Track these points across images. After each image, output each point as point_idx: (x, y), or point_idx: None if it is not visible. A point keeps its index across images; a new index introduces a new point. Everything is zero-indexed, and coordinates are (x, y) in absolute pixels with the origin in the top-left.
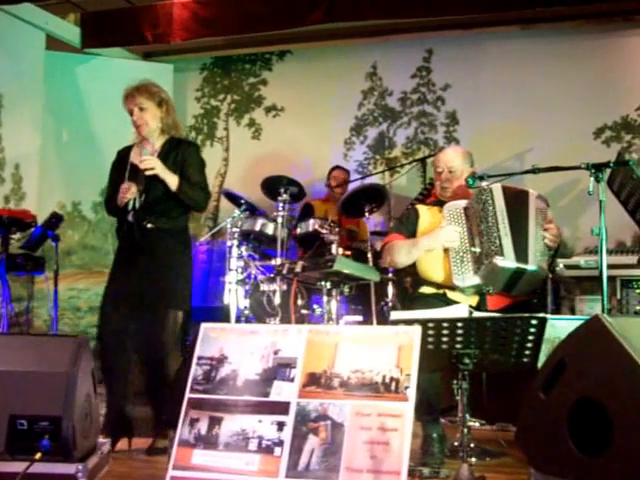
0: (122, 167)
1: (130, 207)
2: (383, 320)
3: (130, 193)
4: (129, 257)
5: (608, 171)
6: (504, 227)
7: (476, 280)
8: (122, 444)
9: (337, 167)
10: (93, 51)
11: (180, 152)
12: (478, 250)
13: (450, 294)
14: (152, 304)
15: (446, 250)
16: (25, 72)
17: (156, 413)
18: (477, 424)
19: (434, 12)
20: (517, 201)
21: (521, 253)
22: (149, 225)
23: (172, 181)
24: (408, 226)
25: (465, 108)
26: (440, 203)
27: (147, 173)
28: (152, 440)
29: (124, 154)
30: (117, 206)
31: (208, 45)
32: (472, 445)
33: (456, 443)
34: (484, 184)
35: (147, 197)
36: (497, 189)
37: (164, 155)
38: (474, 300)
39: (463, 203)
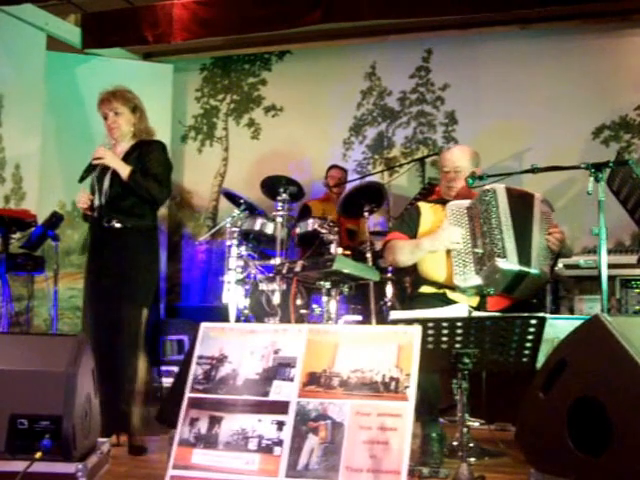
0: (91, 169)
1: (96, 204)
2: (382, 320)
3: (82, 201)
4: (96, 255)
5: (607, 171)
6: (507, 229)
7: (477, 281)
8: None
9: (334, 166)
10: (93, 51)
11: (144, 149)
12: (480, 251)
13: (450, 294)
14: (115, 302)
15: (448, 250)
16: (26, 72)
17: (122, 412)
18: (476, 424)
19: (433, 12)
20: (522, 204)
21: (524, 256)
22: (117, 224)
23: (123, 170)
24: (410, 224)
25: (464, 108)
26: (442, 201)
27: (95, 162)
28: (129, 439)
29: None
30: (84, 214)
31: (208, 45)
32: (471, 445)
33: (455, 443)
34: (487, 185)
35: (109, 194)
36: (501, 190)
37: (127, 154)
38: (474, 301)
39: (466, 203)
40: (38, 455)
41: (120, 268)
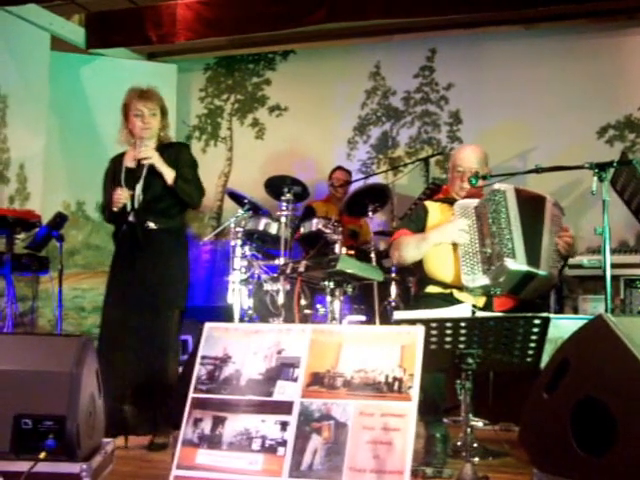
0: (117, 173)
1: (129, 208)
2: (386, 320)
3: (124, 197)
4: (131, 258)
5: (611, 170)
6: (517, 229)
7: (485, 281)
8: (118, 441)
9: (339, 168)
10: (97, 51)
11: (173, 152)
12: (489, 251)
13: (457, 294)
14: (153, 304)
15: (455, 249)
16: (30, 73)
17: (155, 412)
18: (480, 424)
19: (437, 11)
20: (533, 205)
21: (533, 257)
22: (152, 225)
23: (169, 174)
24: (417, 222)
25: (468, 107)
26: (450, 201)
27: (144, 162)
28: (152, 436)
29: (118, 161)
30: (113, 212)
31: (212, 45)
32: (475, 445)
33: (459, 443)
34: (495, 185)
35: (145, 196)
36: (510, 191)
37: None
38: (481, 301)
39: (475, 202)
40: (42, 455)
41: (160, 272)
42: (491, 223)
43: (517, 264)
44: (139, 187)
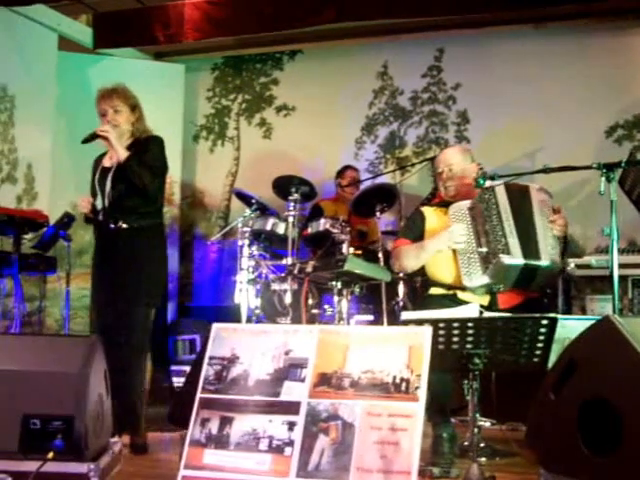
0: (95, 173)
1: (99, 207)
2: (394, 320)
3: (83, 206)
4: (102, 258)
5: (619, 170)
6: (509, 225)
7: (485, 280)
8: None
9: (349, 167)
10: (105, 51)
11: (142, 145)
12: (485, 250)
13: (461, 294)
14: (121, 302)
15: (454, 251)
16: (37, 73)
17: (124, 412)
18: (487, 424)
19: (446, 11)
20: (520, 197)
21: (530, 249)
22: (122, 225)
23: (122, 154)
24: (415, 230)
25: (476, 107)
26: (445, 204)
27: (100, 133)
28: (130, 437)
29: (98, 160)
30: (86, 216)
31: (219, 45)
32: (482, 445)
33: (466, 443)
34: (496, 184)
35: (113, 194)
36: (500, 187)
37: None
38: (485, 300)
39: (467, 203)
40: (50, 455)
41: (127, 269)
42: (484, 222)
43: (513, 259)
44: (108, 185)
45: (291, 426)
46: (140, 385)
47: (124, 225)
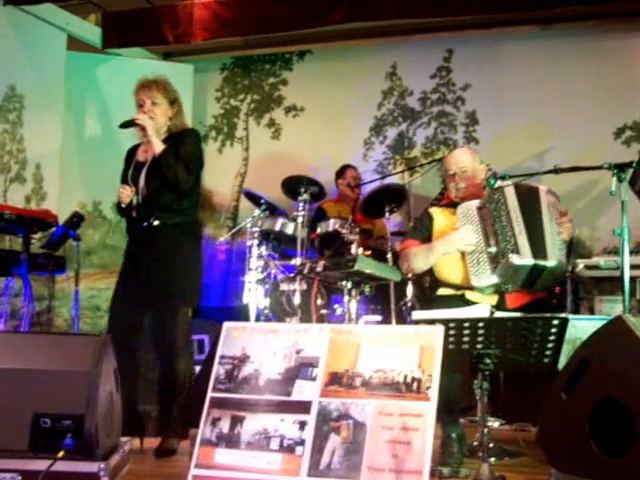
0: (128, 165)
1: (134, 203)
2: (402, 320)
3: (125, 195)
4: (136, 254)
5: (630, 171)
6: (518, 225)
7: (494, 279)
8: (134, 443)
9: (348, 166)
10: (114, 51)
11: (178, 137)
12: (494, 250)
13: (469, 294)
14: (162, 302)
15: (462, 251)
16: (46, 72)
17: (165, 413)
18: (496, 424)
19: (454, 12)
20: (529, 198)
21: (539, 250)
22: (155, 222)
23: (159, 146)
24: (423, 231)
25: (485, 108)
26: (453, 205)
27: (136, 121)
28: (160, 440)
29: (132, 152)
30: (122, 207)
31: (228, 45)
32: (491, 445)
33: (475, 443)
34: (505, 184)
35: (147, 190)
36: (509, 187)
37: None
38: (493, 299)
39: (476, 203)
40: (61, 454)
41: (165, 268)
42: (494, 222)
43: (522, 259)
44: (142, 181)
45: (302, 425)
46: (183, 387)
47: (156, 222)
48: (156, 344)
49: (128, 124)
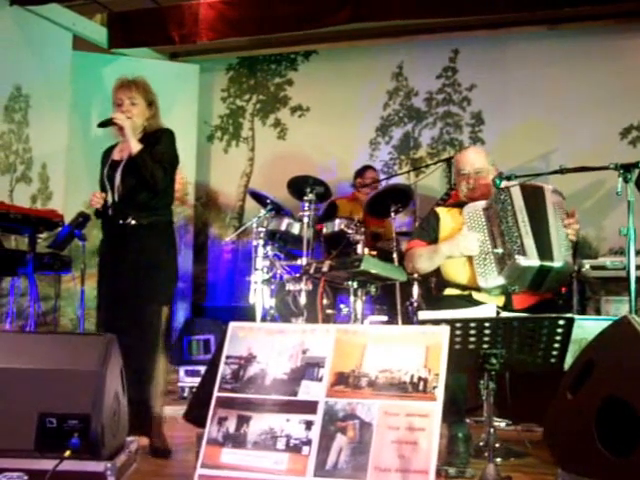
0: (104, 165)
1: (110, 202)
2: (408, 320)
3: (96, 202)
4: (111, 255)
5: (636, 171)
6: (524, 226)
7: (500, 281)
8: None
9: (369, 167)
10: (120, 51)
11: (153, 137)
12: (500, 251)
13: (476, 295)
14: (137, 302)
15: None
16: (52, 72)
17: (145, 412)
18: (503, 424)
19: (460, 12)
20: (535, 198)
21: (545, 250)
22: (132, 222)
23: (135, 145)
24: (429, 231)
25: (491, 108)
26: (460, 204)
27: (116, 121)
28: (150, 440)
29: (107, 152)
30: (97, 209)
31: (234, 45)
32: (497, 445)
33: (481, 443)
34: (511, 184)
35: (123, 188)
36: (515, 188)
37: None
38: (500, 300)
39: (482, 204)
40: (67, 454)
41: (138, 267)
42: (500, 222)
43: (529, 260)
44: (117, 179)
45: (308, 425)
46: (156, 386)
47: (133, 222)
48: (134, 344)
49: (106, 123)
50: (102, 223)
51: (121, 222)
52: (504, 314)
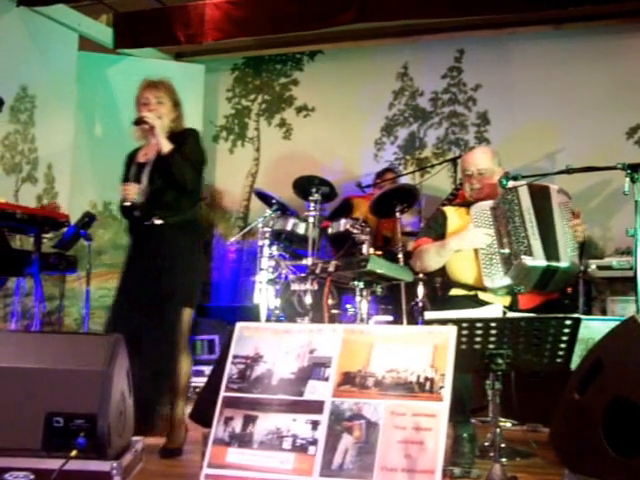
0: (129, 168)
1: (137, 202)
2: (413, 320)
3: (132, 192)
4: (138, 254)
5: None
6: (531, 226)
7: (506, 281)
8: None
9: (390, 169)
10: (125, 51)
11: (179, 139)
12: (507, 251)
13: (482, 295)
14: (162, 302)
15: (476, 252)
16: (58, 73)
17: (165, 415)
18: (508, 424)
19: (465, 12)
20: (541, 198)
21: (551, 251)
22: (157, 221)
23: (166, 145)
24: (437, 229)
25: (496, 108)
26: (467, 204)
27: (144, 126)
28: (165, 441)
29: (131, 156)
30: (125, 207)
31: (239, 45)
32: (503, 445)
33: (487, 443)
34: (518, 184)
35: (150, 189)
36: (523, 188)
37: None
38: (506, 300)
39: (490, 203)
40: (73, 453)
41: (164, 267)
42: (507, 222)
43: (535, 260)
44: (144, 181)
45: (315, 425)
46: (178, 387)
47: (158, 221)
48: (156, 344)
49: (137, 122)
50: (128, 224)
51: (148, 223)
52: (510, 314)
